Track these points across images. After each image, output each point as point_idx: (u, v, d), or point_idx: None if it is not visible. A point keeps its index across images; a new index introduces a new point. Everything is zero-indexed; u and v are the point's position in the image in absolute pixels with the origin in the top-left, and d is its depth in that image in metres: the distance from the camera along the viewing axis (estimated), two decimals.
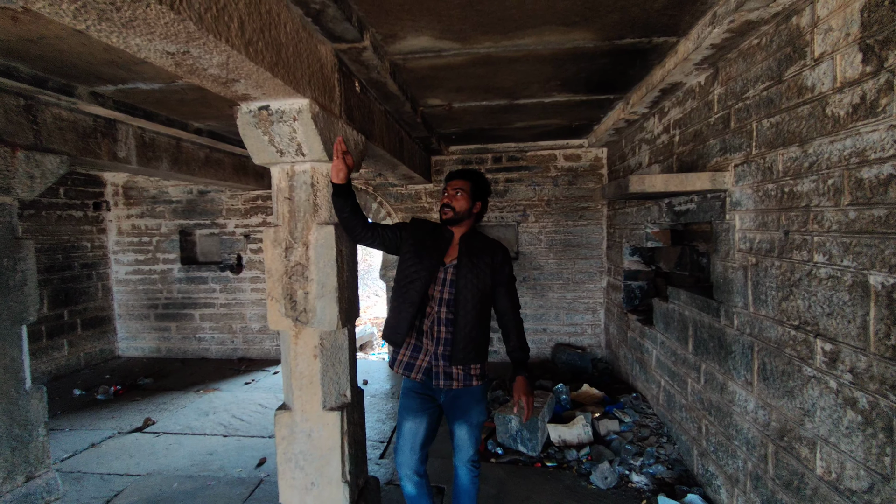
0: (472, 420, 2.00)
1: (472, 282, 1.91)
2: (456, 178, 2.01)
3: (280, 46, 1.58)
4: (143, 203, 5.75)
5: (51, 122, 2.69)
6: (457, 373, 1.93)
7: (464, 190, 1.97)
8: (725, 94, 2.32)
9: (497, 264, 1.99)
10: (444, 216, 1.97)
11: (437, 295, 1.94)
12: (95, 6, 1.00)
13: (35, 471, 2.57)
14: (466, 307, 1.90)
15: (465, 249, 1.97)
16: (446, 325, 1.92)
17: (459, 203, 1.96)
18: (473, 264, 1.94)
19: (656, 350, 3.42)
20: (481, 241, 2.04)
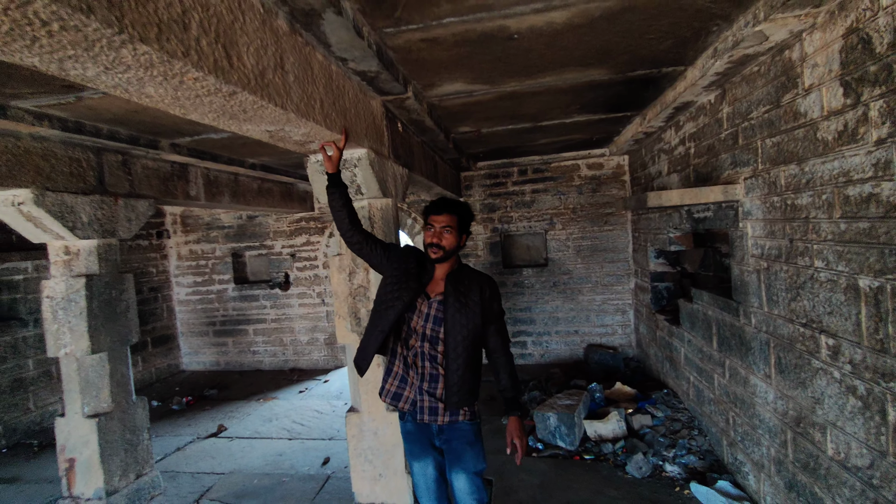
0: (468, 466, 1.87)
1: (461, 322, 1.82)
2: (441, 213, 1.86)
3: (345, 111, 1.93)
4: (198, 230, 6.30)
5: (140, 171, 3.15)
6: (442, 408, 1.85)
7: (451, 226, 1.85)
8: (733, 114, 2.55)
9: (486, 301, 1.89)
10: (433, 255, 1.85)
11: (420, 329, 1.86)
12: (229, 112, 1.36)
13: (143, 469, 3.02)
14: (457, 350, 1.81)
15: (452, 288, 1.86)
16: (430, 361, 1.85)
17: (448, 240, 1.85)
18: (462, 304, 1.83)
19: (684, 348, 3.62)
20: (468, 277, 1.92)
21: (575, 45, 2.05)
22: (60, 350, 2.71)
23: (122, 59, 0.92)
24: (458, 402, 1.83)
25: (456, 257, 1.96)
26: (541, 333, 5.53)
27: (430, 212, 1.90)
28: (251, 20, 1.26)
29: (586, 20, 1.81)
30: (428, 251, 1.87)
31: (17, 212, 2.45)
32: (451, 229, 1.86)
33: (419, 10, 1.62)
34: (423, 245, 1.93)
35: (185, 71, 1.02)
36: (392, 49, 1.95)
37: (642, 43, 2.09)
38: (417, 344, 1.87)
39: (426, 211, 1.92)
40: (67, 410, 2.78)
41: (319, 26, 1.53)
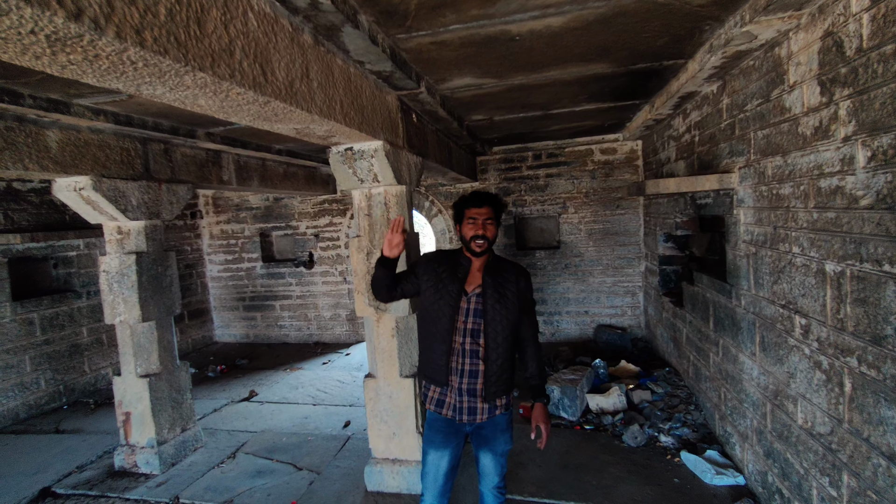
0: (497, 449, 1.95)
1: (501, 313, 1.85)
2: (481, 205, 1.89)
3: (363, 108, 2.15)
4: (228, 211, 6.69)
5: (180, 159, 3.46)
6: (481, 407, 1.88)
7: (491, 217, 1.88)
8: (731, 105, 2.65)
9: (522, 291, 1.92)
10: (479, 248, 1.86)
11: (461, 325, 1.86)
12: (263, 116, 1.60)
13: (187, 424, 3.41)
14: (497, 340, 1.84)
15: (490, 280, 1.89)
16: (471, 357, 1.85)
17: (491, 231, 1.88)
18: (500, 294, 1.87)
19: (686, 328, 3.78)
20: (504, 268, 1.95)
21: (574, 44, 2.20)
22: (116, 318, 3.08)
23: (184, 83, 1.17)
24: (496, 393, 1.86)
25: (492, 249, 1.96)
26: (552, 313, 5.74)
27: (468, 205, 1.89)
28: (282, 39, 1.48)
29: (582, 23, 1.96)
30: (471, 244, 1.86)
31: (78, 196, 2.78)
32: (491, 220, 1.88)
33: (427, 20, 1.81)
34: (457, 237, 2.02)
35: (230, 88, 1.26)
36: (404, 51, 2.15)
37: (639, 40, 2.23)
38: (459, 342, 1.86)
39: (462, 204, 1.92)
40: (123, 370, 3.17)
41: (339, 37, 1.74)
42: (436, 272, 1.93)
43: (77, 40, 0.85)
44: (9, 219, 4.34)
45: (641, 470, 2.89)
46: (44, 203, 4.64)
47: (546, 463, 3.02)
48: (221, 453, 3.44)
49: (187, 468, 3.24)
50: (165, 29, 1.00)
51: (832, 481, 1.83)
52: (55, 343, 4.68)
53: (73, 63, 0.94)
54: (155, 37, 0.97)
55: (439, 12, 1.76)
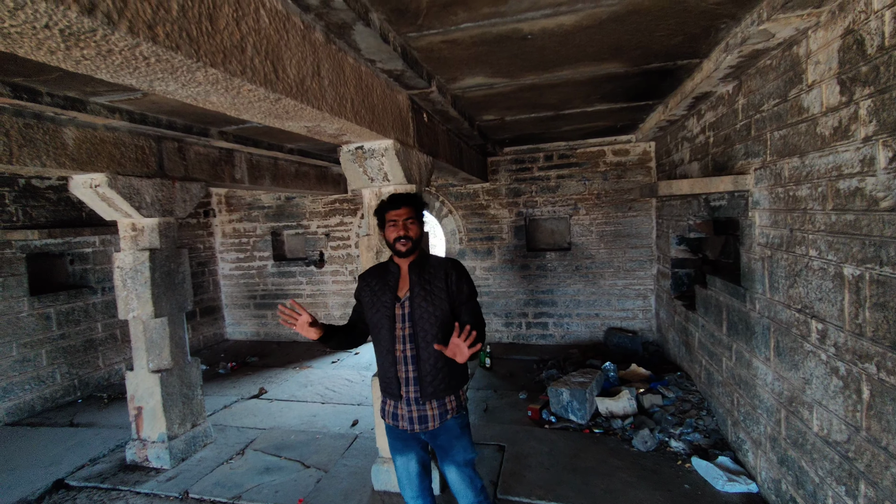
0: (457, 458, 1.91)
1: (429, 311, 1.83)
2: (399, 206, 1.87)
3: (373, 107, 2.16)
4: (241, 209, 6.76)
5: (193, 157, 3.50)
6: (431, 413, 1.86)
7: (412, 217, 1.88)
8: (747, 105, 2.60)
9: (452, 285, 1.88)
10: (404, 248, 1.85)
11: (400, 333, 1.85)
12: (275, 113, 1.61)
13: (197, 420, 3.45)
14: (427, 338, 1.82)
15: (416, 278, 1.88)
16: (413, 363, 1.84)
17: (414, 230, 1.87)
18: (427, 291, 1.85)
19: (698, 332, 3.72)
20: (432, 264, 1.93)
21: (587, 42, 2.18)
22: (129, 314, 3.12)
23: (196, 79, 1.18)
24: (436, 392, 1.84)
25: (420, 248, 1.94)
26: (562, 315, 5.69)
27: (387, 208, 1.88)
28: (293, 36, 1.49)
29: (594, 22, 1.94)
30: (396, 246, 1.86)
31: (94, 193, 2.83)
32: (413, 220, 1.87)
33: (438, 18, 1.81)
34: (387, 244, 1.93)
35: (241, 85, 1.27)
36: (416, 49, 2.15)
37: (653, 39, 2.20)
38: (400, 349, 1.85)
39: (381, 209, 1.91)
40: (135, 365, 3.21)
41: (351, 35, 1.74)
42: (370, 287, 1.94)
43: (90, 35, 0.86)
44: (27, 215, 4.43)
45: (651, 475, 2.85)
46: (61, 200, 4.73)
47: (553, 466, 2.99)
48: (231, 449, 3.46)
49: (197, 463, 3.27)
50: (177, 24, 1.01)
51: (848, 490, 1.78)
52: (70, 338, 4.76)
53: (87, 58, 0.95)
54: (167, 32, 0.98)
55: (451, 10, 1.76)
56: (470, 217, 5.91)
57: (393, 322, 1.86)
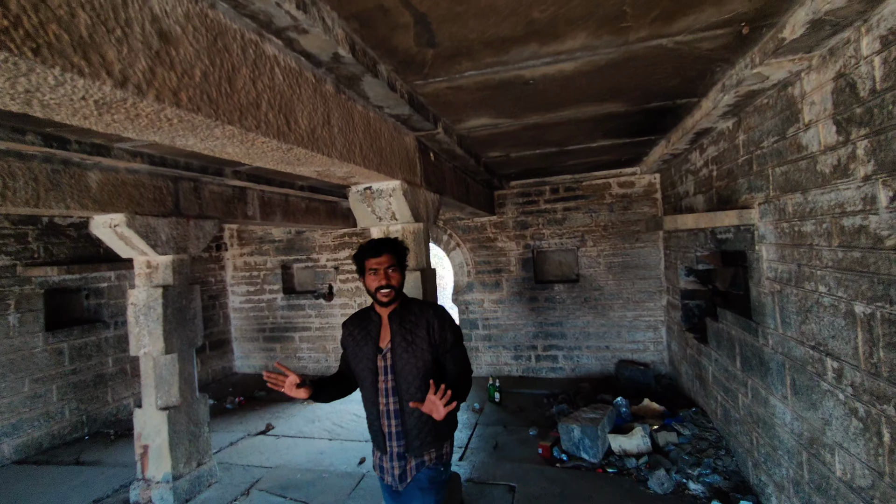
0: None
1: (411, 362, 1.76)
2: (379, 254, 1.78)
3: (381, 150, 2.23)
4: (252, 243, 6.88)
5: (208, 196, 3.62)
6: (409, 467, 1.78)
7: (394, 264, 1.79)
8: (748, 141, 2.65)
9: (435, 333, 1.80)
10: (386, 298, 1.77)
11: (383, 385, 1.78)
12: (286, 160, 1.68)
13: (202, 459, 3.41)
14: (410, 391, 1.75)
15: (397, 328, 1.80)
16: (396, 418, 1.76)
17: (396, 279, 1.80)
18: (409, 342, 1.78)
19: (711, 366, 3.65)
20: (413, 312, 1.85)
21: (587, 86, 2.26)
22: (140, 350, 3.16)
23: (214, 134, 1.25)
24: (420, 447, 1.77)
25: (401, 296, 1.88)
26: (571, 348, 5.62)
27: (366, 255, 1.79)
28: (305, 90, 1.57)
29: (594, 68, 2.02)
30: (377, 295, 1.78)
31: (112, 232, 2.92)
32: (394, 267, 1.80)
33: (444, 67, 1.90)
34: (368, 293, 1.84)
35: (255, 138, 1.34)
36: (422, 95, 2.24)
37: (652, 81, 2.27)
38: (384, 402, 1.78)
39: (361, 256, 1.81)
40: (144, 403, 3.22)
41: (360, 86, 1.84)
42: (353, 337, 1.88)
43: (121, 103, 0.93)
44: (48, 252, 4.56)
45: None
46: (81, 237, 4.87)
47: None
48: (235, 489, 3.41)
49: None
50: (199, 89, 1.08)
51: None
52: (82, 373, 4.80)
53: (117, 122, 1.03)
54: (189, 96, 1.05)
55: (455, 60, 1.85)
56: (478, 250, 5.95)
57: (375, 375, 1.79)
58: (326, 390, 1.89)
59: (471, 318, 6.02)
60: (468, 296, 6.01)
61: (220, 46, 1.17)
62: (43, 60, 0.75)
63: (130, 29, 0.91)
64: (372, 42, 1.63)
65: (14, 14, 0.71)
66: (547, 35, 1.67)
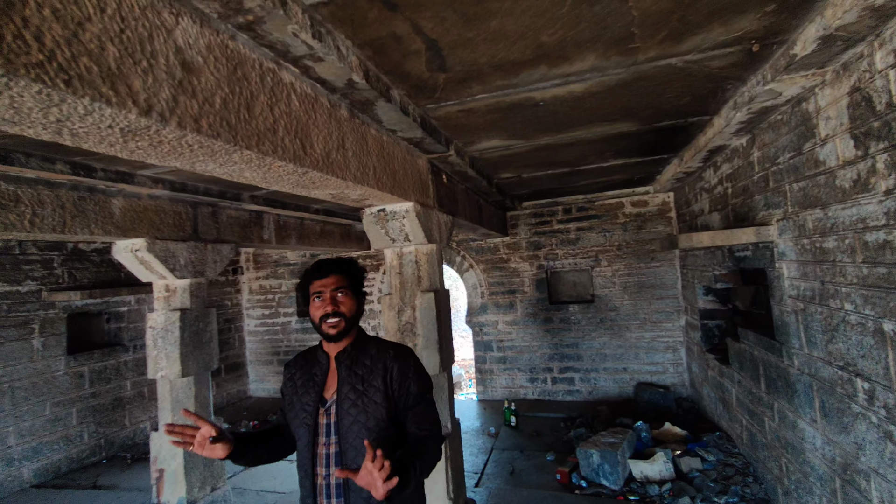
0: None
1: (360, 420, 1.35)
2: (325, 275, 1.44)
3: (395, 172, 2.27)
4: (267, 267, 6.97)
5: (225, 220, 3.70)
6: None
7: (344, 287, 1.43)
8: (762, 158, 2.62)
9: (393, 383, 1.40)
10: (333, 330, 1.39)
11: (323, 450, 1.36)
12: (302, 184, 1.71)
13: (217, 483, 3.39)
14: (358, 460, 1.33)
15: (346, 373, 1.41)
16: (338, 497, 1.34)
17: (348, 305, 1.43)
18: (359, 392, 1.38)
19: (735, 389, 3.53)
20: (368, 353, 1.45)
21: (597, 106, 2.28)
22: (158, 373, 3.19)
23: (232, 159, 1.29)
24: None
25: (357, 329, 1.49)
26: (588, 370, 5.50)
27: (310, 279, 1.45)
28: (321, 115, 1.62)
29: (604, 88, 2.04)
30: (322, 328, 1.41)
31: (133, 257, 2.99)
32: (345, 290, 1.43)
33: (455, 91, 1.94)
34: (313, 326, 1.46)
35: (272, 162, 1.38)
36: (434, 119, 2.29)
37: (662, 101, 2.28)
38: (323, 474, 1.36)
39: (305, 280, 1.47)
40: (160, 426, 3.23)
41: (373, 110, 1.88)
42: (293, 383, 1.48)
43: (145, 131, 0.97)
44: (72, 277, 4.69)
45: None
46: (103, 262, 5.00)
47: None
48: None
49: None
50: (219, 115, 1.13)
51: None
52: (101, 396, 4.85)
53: (141, 148, 1.07)
54: (210, 123, 1.09)
55: (466, 84, 1.89)
56: (491, 271, 5.93)
57: (314, 434, 1.37)
58: (254, 449, 1.42)
59: (485, 340, 5.95)
60: (482, 317, 5.96)
61: (239, 75, 1.22)
62: (74, 91, 0.79)
63: (155, 60, 0.96)
64: (385, 68, 1.68)
65: (49, 49, 0.75)
66: (556, 57, 1.70)
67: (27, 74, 0.72)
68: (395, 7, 1.30)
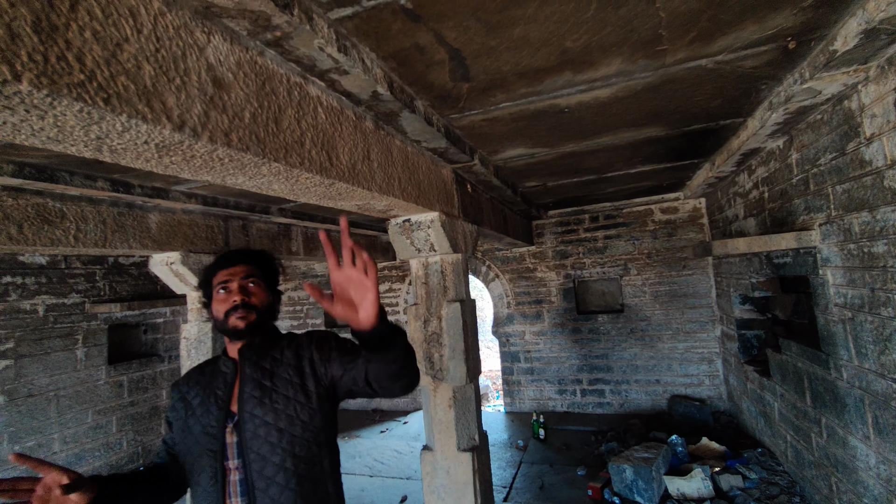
0: None
1: (267, 421, 1.14)
2: (236, 263, 1.28)
3: (419, 183, 2.28)
4: (295, 278, 7.10)
5: (255, 233, 3.79)
6: None
7: (254, 276, 1.28)
8: (802, 160, 2.51)
9: (317, 364, 1.23)
10: (241, 324, 1.21)
11: (236, 476, 1.14)
12: (328, 195, 1.74)
13: None
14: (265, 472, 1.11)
15: (250, 371, 1.20)
16: None
17: (260, 296, 1.27)
18: (265, 389, 1.17)
19: (777, 402, 3.35)
20: (278, 346, 1.28)
21: (624, 111, 2.24)
22: None
23: (261, 172, 1.31)
24: None
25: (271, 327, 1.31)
26: (619, 382, 5.34)
27: (215, 269, 1.29)
28: (346, 127, 1.64)
29: (630, 93, 2.00)
30: (230, 322, 1.21)
31: (168, 269, 3.10)
32: (257, 281, 1.28)
33: (479, 100, 1.94)
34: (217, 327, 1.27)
35: (300, 174, 1.40)
36: (458, 128, 2.29)
37: (692, 104, 2.22)
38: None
39: (209, 274, 1.30)
40: None
41: (398, 121, 1.90)
42: (185, 404, 1.24)
43: (179, 146, 1.00)
44: (112, 290, 4.89)
45: None
46: (141, 275, 5.21)
47: None
48: None
49: None
50: (248, 129, 1.15)
51: None
52: (138, 405, 5.01)
53: (174, 163, 1.10)
54: (239, 137, 1.12)
55: (490, 93, 1.88)
56: (517, 280, 5.87)
57: (219, 459, 1.13)
58: (129, 494, 1.11)
59: (512, 351, 5.87)
60: (508, 328, 5.89)
61: (267, 90, 1.25)
62: (112, 109, 0.82)
63: (188, 77, 0.99)
64: (409, 79, 1.69)
65: (90, 69, 0.78)
66: (581, 63, 1.67)
67: (69, 94, 0.75)
68: (418, 18, 1.31)
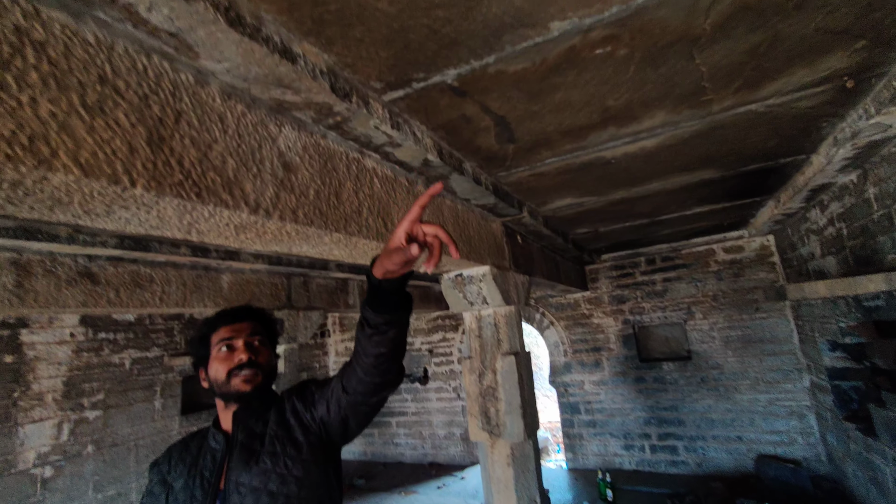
0: None
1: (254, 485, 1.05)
2: (242, 319, 1.25)
3: (470, 238, 2.34)
4: (352, 329, 7.29)
5: (315, 288, 3.99)
6: None
7: (262, 335, 1.26)
8: (881, 194, 2.33)
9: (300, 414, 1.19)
10: (249, 386, 1.16)
11: None
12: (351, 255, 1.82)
13: None
14: None
15: (242, 436, 1.12)
16: None
17: (266, 355, 1.24)
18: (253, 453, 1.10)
19: (889, 468, 2.91)
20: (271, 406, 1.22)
21: (673, 158, 2.21)
22: None
23: (323, 241, 1.42)
24: None
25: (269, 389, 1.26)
26: (693, 437, 4.88)
27: (217, 325, 1.24)
28: (399, 193, 1.75)
29: (678, 141, 1.99)
30: (233, 383, 1.16)
31: None
32: (262, 340, 1.25)
33: (525, 158, 2.01)
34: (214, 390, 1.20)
35: (358, 241, 1.50)
36: (506, 185, 2.36)
37: (746, 146, 2.16)
38: None
39: (206, 330, 1.25)
40: None
41: (447, 183, 1.99)
42: (164, 485, 1.11)
43: (253, 225, 1.12)
44: (188, 343, 5.26)
45: None
46: None
47: None
48: None
49: None
50: (313, 205, 1.27)
51: None
52: None
53: (249, 239, 1.23)
54: (305, 213, 1.23)
55: (535, 151, 1.94)
56: (573, 327, 5.68)
57: None
58: None
59: (571, 402, 5.59)
60: (566, 377, 5.64)
61: (329, 168, 1.38)
62: (202, 200, 0.94)
63: (263, 165, 1.13)
64: (457, 145, 1.79)
65: (187, 169, 0.92)
66: (624, 118, 1.70)
67: (171, 192, 0.88)
68: (464, 94, 1.42)
